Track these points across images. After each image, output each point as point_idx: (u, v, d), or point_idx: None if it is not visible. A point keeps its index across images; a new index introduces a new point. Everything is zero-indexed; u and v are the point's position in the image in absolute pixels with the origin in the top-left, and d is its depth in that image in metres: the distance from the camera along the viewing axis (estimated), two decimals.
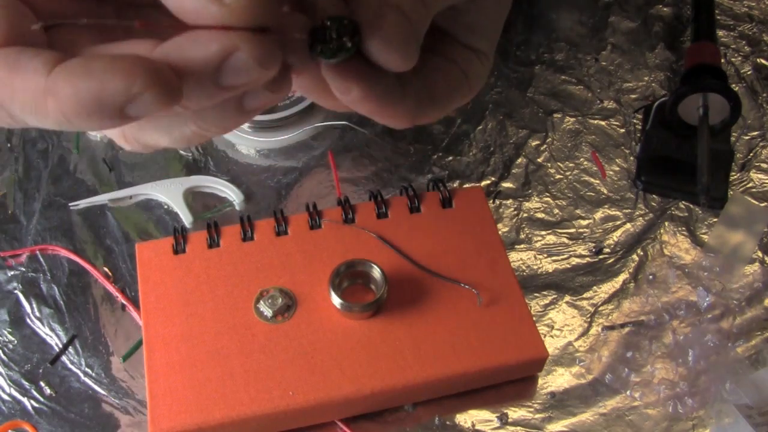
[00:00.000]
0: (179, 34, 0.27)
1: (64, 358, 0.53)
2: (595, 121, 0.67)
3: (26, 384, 0.52)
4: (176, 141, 0.32)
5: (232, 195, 0.61)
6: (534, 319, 0.53)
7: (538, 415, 0.51)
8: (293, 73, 0.31)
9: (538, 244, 0.59)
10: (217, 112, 0.30)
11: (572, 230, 0.60)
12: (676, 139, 0.62)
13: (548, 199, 0.62)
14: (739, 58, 0.71)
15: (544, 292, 0.57)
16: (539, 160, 0.64)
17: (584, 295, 0.57)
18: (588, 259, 0.59)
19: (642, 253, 0.59)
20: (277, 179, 0.62)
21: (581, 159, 0.64)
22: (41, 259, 0.58)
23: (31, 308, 0.55)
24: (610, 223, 0.61)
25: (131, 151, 0.34)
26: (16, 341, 0.54)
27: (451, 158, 0.64)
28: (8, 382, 0.52)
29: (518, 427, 0.51)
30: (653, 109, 0.64)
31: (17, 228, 0.59)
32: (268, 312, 0.51)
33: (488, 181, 0.63)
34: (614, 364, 0.53)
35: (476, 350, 0.50)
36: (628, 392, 0.52)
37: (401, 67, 0.31)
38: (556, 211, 0.61)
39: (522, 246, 0.59)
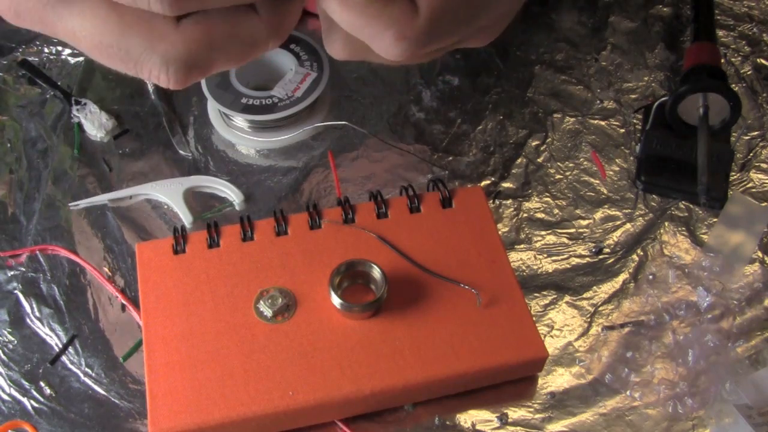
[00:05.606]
0: None
1: (64, 358, 0.53)
2: (595, 121, 0.66)
3: (26, 384, 0.52)
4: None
5: (232, 195, 0.61)
6: (534, 319, 0.53)
7: (538, 415, 0.51)
8: None
9: (538, 244, 0.59)
10: None
11: (572, 230, 0.60)
12: (676, 139, 0.62)
13: (548, 199, 0.62)
14: (739, 58, 0.71)
15: (544, 292, 0.57)
16: (539, 160, 0.64)
17: (584, 295, 0.57)
18: (588, 259, 0.59)
19: (642, 253, 0.59)
20: (277, 179, 0.62)
21: (581, 159, 0.64)
22: (41, 259, 0.58)
23: (31, 308, 0.55)
24: (610, 223, 0.61)
25: (179, 86, 0.32)
26: (16, 341, 0.54)
27: (451, 158, 0.64)
28: (8, 382, 0.52)
29: (518, 427, 0.51)
30: (653, 109, 0.64)
31: (17, 228, 0.59)
32: (268, 312, 0.51)
33: (488, 181, 0.63)
34: (614, 364, 0.53)
35: (476, 350, 0.50)
36: (628, 392, 0.52)
37: None
38: (556, 211, 0.61)
39: (522, 246, 0.59)
